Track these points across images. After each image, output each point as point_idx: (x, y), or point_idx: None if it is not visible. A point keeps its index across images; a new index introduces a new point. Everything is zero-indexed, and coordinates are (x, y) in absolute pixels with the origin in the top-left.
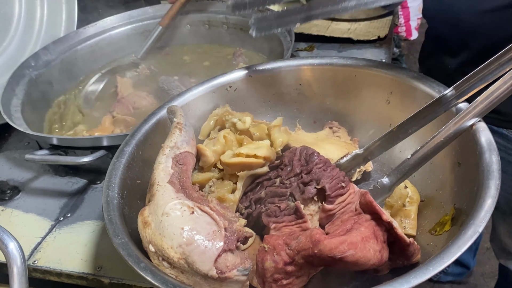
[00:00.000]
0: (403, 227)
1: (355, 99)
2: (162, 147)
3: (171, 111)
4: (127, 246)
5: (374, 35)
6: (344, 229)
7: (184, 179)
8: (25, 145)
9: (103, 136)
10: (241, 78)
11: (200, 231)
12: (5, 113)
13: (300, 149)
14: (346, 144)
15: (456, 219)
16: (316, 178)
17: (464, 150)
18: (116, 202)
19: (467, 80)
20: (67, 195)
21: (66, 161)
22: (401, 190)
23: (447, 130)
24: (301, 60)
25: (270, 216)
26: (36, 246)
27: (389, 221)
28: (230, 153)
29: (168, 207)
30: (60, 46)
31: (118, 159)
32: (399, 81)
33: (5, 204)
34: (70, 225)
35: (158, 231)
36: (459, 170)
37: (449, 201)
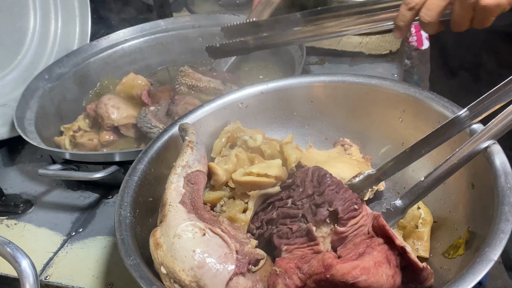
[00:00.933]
0: (416, 249)
1: (367, 116)
2: (174, 166)
3: (183, 128)
4: (139, 267)
5: (386, 49)
6: (356, 253)
7: (196, 199)
8: (38, 158)
9: (115, 152)
10: (253, 95)
11: (212, 254)
12: (19, 126)
13: (312, 170)
14: (358, 162)
15: (470, 243)
16: (328, 200)
17: (478, 172)
18: (129, 222)
19: (482, 101)
20: (79, 210)
21: (79, 176)
22: (414, 211)
23: (461, 153)
24: (312, 77)
25: (282, 237)
26: (48, 261)
27: (402, 246)
28: (242, 171)
29: (180, 229)
30: (73, 59)
31: (131, 177)
32: (412, 99)
33: (18, 218)
34: (82, 240)
35: (170, 253)
36: (473, 192)
37: (463, 223)
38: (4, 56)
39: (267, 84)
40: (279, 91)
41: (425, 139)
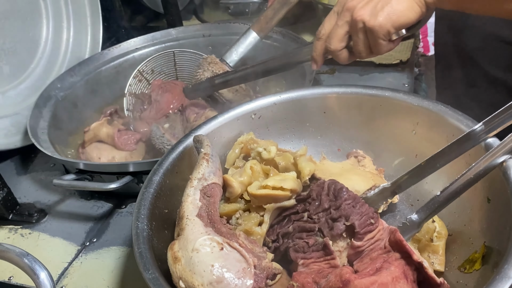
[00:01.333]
0: (431, 263)
1: (380, 128)
2: (190, 179)
3: (198, 140)
4: (157, 281)
5: (396, 59)
6: (373, 268)
7: (213, 212)
8: (51, 166)
9: (129, 162)
10: (266, 106)
11: (230, 269)
12: (33, 136)
13: (328, 184)
14: (372, 175)
15: (487, 258)
16: (345, 215)
17: (494, 186)
18: (146, 234)
19: (497, 115)
20: (92, 219)
21: (94, 187)
22: (429, 224)
23: (477, 167)
24: (325, 89)
25: (298, 251)
26: (63, 271)
27: (419, 261)
28: (257, 184)
29: (198, 243)
30: (85, 68)
31: (147, 189)
32: (426, 112)
33: (32, 227)
34: (96, 251)
35: (189, 267)
36: (489, 207)
37: (479, 238)
38: (17, 65)
39: (280, 95)
40: (292, 102)
41: (440, 153)
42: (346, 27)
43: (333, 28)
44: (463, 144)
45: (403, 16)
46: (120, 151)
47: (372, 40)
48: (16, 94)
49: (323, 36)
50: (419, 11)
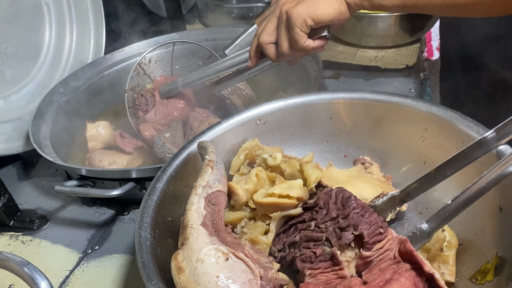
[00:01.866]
0: (441, 273)
1: (387, 134)
2: (194, 186)
3: (202, 146)
4: None
5: (402, 64)
6: (383, 279)
7: (217, 220)
8: (53, 172)
9: (132, 169)
10: (271, 112)
11: (236, 280)
12: (35, 142)
13: (336, 192)
14: (380, 182)
15: (500, 269)
16: (353, 224)
17: (506, 195)
18: (149, 243)
19: (509, 122)
20: (94, 226)
21: (96, 194)
22: (439, 233)
23: (489, 176)
24: (332, 94)
25: (305, 261)
26: (65, 279)
27: (431, 273)
28: (263, 192)
29: (203, 253)
30: (88, 72)
31: (150, 197)
32: (435, 118)
33: (34, 234)
34: (98, 259)
35: (193, 278)
36: (501, 216)
37: (491, 248)
38: (20, 70)
39: (285, 101)
40: (298, 108)
41: (450, 161)
42: (275, 21)
43: (265, 23)
44: (474, 152)
45: (320, 9)
46: (122, 155)
47: (291, 31)
48: (18, 99)
49: (258, 33)
50: (337, 8)
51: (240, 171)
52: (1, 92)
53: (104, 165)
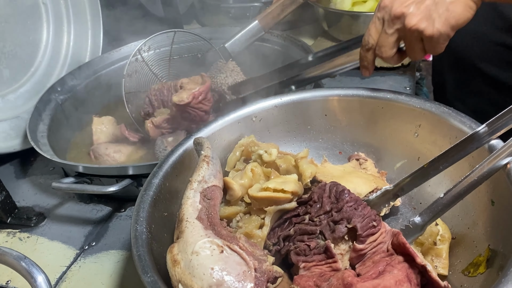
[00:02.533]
0: (435, 267)
1: (382, 131)
2: (190, 181)
3: (198, 143)
4: (156, 285)
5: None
6: (376, 271)
7: (213, 214)
8: (50, 170)
9: (129, 166)
10: (266, 109)
11: (230, 272)
12: (32, 139)
13: (330, 186)
14: (374, 177)
15: (491, 261)
16: (347, 217)
17: (498, 188)
18: (145, 237)
19: (500, 117)
20: (91, 223)
21: (93, 190)
22: (432, 227)
23: (481, 169)
24: (326, 91)
25: (299, 254)
26: (62, 275)
27: (423, 265)
28: (258, 186)
29: (198, 246)
30: (85, 71)
31: (146, 192)
32: (429, 114)
33: (31, 231)
34: (95, 255)
35: (188, 270)
36: (493, 209)
37: (483, 241)
38: (18, 69)
39: (281, 98)
40: (293, 105)
41: (443, 155)
42: (396, 34)
43: (381, 37)
44: (466, 146)
45: (462, 18)
46: (126, 146)
47: (430, 45)
48: (16, 98)
49: (372, 46)
50: (474, 8)
51: (236, 167)
52: None
53: (109, 153)
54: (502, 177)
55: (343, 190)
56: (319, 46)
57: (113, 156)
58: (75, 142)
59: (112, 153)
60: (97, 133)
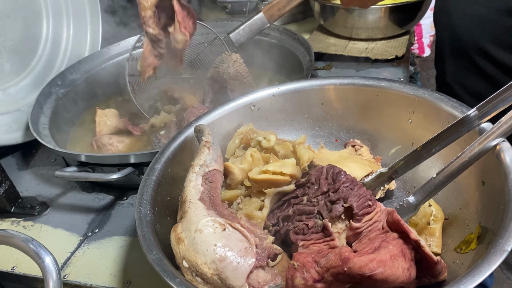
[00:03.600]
0: (428, 245)
1: (377, 118)
2: (192, 165)
3: (199, 130)
4: (161, 261)
5: (392, 54)
6: (372, 247)
7: (214, 196)
8: (52, 161)
9: (130, 154)
10: (264, 98)
11: (233, 248)
12: (35, 130)
13: (327, 168)
14: (369, 162)
15: (482, 238)
16: (343, 197)
17: (488, 169)
18: (149, 219)
19: (490, 101)
20: (94, 211)
21: (96, 178)
22: (425, 208)
23: (471, 150)
24: (323, 80)
25: (298, 233)
26: (66, 261)
27: (416, 240)
28: (257, 170)
29: (201, 224)
30: (85, 65)
31: (149, 176)
32: (422, 101)
33: (34, 220)
34: (98, 241)
35: (192, 247)
36: (484, 189)
37: (474, 220)
38: (18, 63)
39: (279, 87)
40: (290, 94)
41: (435, 138)
42: None
43: None
44: (457, 129)
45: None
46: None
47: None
48: (17, 91)
49: None
50: None
51: (236, 154)
52: (0, 85)
53: (113, 142)
54: (492, 158)
55: (340, 172)
56: (315, 40)
57: (116, 145)
58: (76, 134)
59: (116, 142)
60: (100, 124)
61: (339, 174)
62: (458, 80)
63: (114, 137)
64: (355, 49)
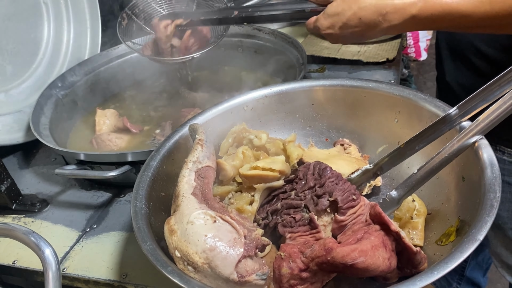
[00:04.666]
0: (411, 238)
1: (365, 118)
2: (186, 162)
3: (193, 128)
4: (155, 252)
5: (383, 57)
6: (355, 238)
7: (206, 191)
8: (52, 160)
9: (127, 152)
10: (257, 98)
11: (222, 238)
12: (35, 130)
13: (314, 164)
14: (357, 160)
15: (460, 230)
16: (329, 191)
17: (468, 165)
18: (144, 212)
19: (470, 100)
20: (92, 208)
21: (94, 175)
22: (409, 203)
23: (451, 147)
24: (313, 82)
25: (286, 226)
26: (65, 255)
27: (397, 231)
28: (248, 166)
29: (193, 216)
30: (84, 68)
31: (145, 173)
32: (407, 101)
33: (35, 216)
34: (96, 236)
35: (184, 238)
36: (463, 185)
37: (454, 214)
38: (20, 65)
39: (271, 88)
40: (282, 95)
41: (418, 136)
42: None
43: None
44: (439, 127)
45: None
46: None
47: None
48: (19, 93)
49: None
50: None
51: (229, 152)
52: (2, 86)
53: (111, 138)
54: (471, 155)
55: (326, 168)
56: (309, 43)
57: (115, 141)
58: (75, 134)
59: (114, 139)
60: (100, 124)
61: (325, 170)
62: (456, 79)
63: (113, 134)
64: (347, 52)
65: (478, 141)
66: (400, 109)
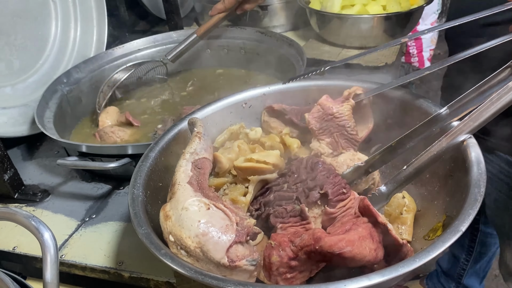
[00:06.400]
0: (400, 233)
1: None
2: (183, 153)
3: (192, 122)
4: (149, 236)
5: (382, 62)
6: (343, 230)
7: (202, 181)
8: (55, 153)
9: (128, 145)
10: (255, 96)
11: (215, 224)
12: (40, 123)
13: (307, 158)
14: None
15: (447, 225)
16: (320, 184)
17: (456, 164)
18: (141, 199)
19: (460, 100)
20: (92, 199)
21: (94, 166)
22: (399, 200)
23: (439, 145)
24: (309, 82)
25: (278, 217)
26: (64, 242)
27: (384, 223)
28: (243, 158)
29: (187, 203)
30: (90, 65)
31: (143, 163)
32: (402, 101)
33: (36, 205)
34: (94, 225)
35: (178, 223)
36: (451, 182)
37: (442, 210)
38: (27, 61)
39: (269, 87)
40: (280, 94)
41: (409, 134)
42: None
43: None
44: (430, 126)
45: None
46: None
47: None
48: (25, 87)
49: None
50: None
51: (225, 146)
52: (9, 80)
53: (114, 130)
54: (459, 153)
55: (317, 162)
56: (310, 47)
57: (118, 133)
58: (78, 129)
59: (117, 131)
60: (103, 119)
61: (317, 163)
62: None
63: (116, 127)
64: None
65: (466, 140)
66: (394, 109)
